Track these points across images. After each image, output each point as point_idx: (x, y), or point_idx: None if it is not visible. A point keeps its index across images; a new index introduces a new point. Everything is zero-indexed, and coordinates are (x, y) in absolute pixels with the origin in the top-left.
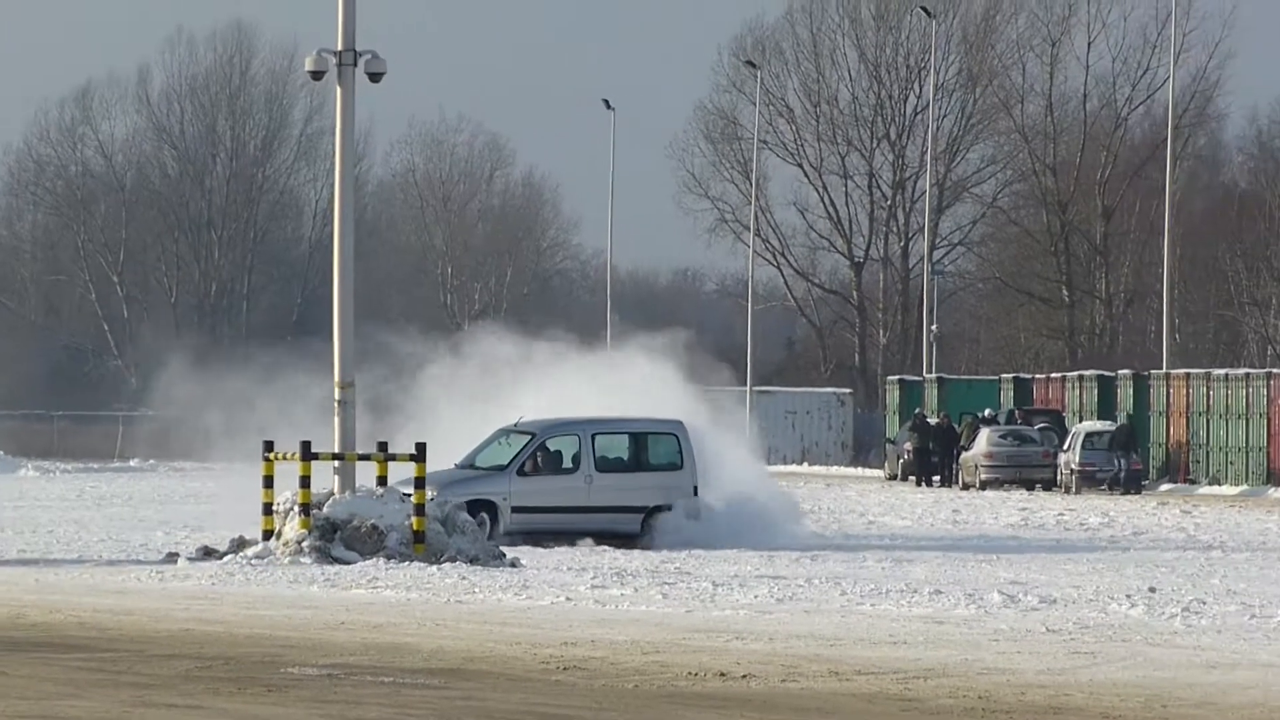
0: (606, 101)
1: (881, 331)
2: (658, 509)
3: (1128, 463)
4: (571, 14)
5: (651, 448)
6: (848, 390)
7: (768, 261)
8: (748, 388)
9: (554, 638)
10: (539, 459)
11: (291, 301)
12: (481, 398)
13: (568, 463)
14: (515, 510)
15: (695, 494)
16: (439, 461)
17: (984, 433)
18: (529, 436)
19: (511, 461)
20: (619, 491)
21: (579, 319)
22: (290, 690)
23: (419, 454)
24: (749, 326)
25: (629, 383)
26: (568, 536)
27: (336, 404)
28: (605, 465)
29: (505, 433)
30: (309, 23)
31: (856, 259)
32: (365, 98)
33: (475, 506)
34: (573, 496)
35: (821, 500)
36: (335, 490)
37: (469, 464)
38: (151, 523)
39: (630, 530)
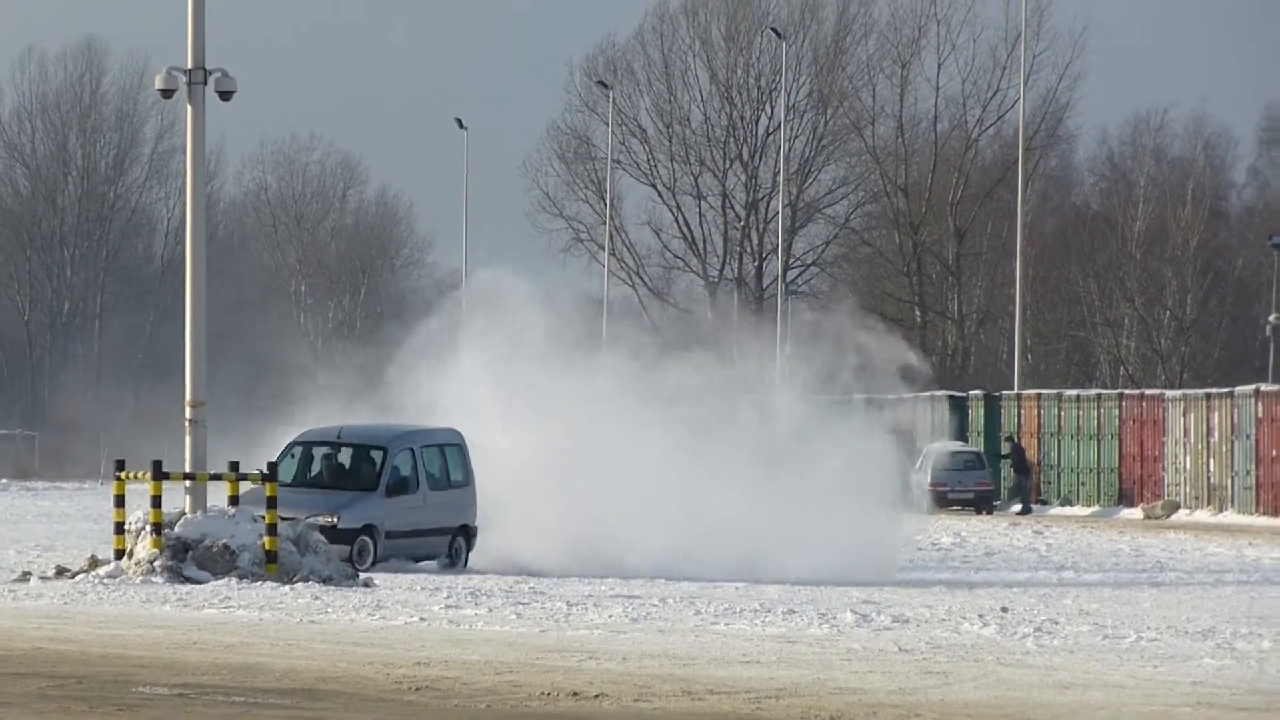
0: (459, 120)
1: (735, 351)
2: (463, 529)
3: (1029, 482)
4: (423, 33)
5: (451, 461)
6: (700, 410)
7: (623, 281)
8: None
9: (407, 658)
10: (394, 477)
11: (145, 320)
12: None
13: (411, 480)
14: (387, 535)
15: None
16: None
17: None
18: (381, 451)
19: (379, 480)
20: (442, 510)
21: (435, 337)
22: (142, 710)
23: (270, 474)
24: (603, 345)
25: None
26: (409, 561)
27: (188, 423)
28: (431, 482)
29: (308, 444)
30: (160, 40)
31: (711, 279)
32: (216, 116)
33: (359, 534)
34: (416, 517)
35: None
36: (187, 510)
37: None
38: (3, 541)
39: (439, 553)
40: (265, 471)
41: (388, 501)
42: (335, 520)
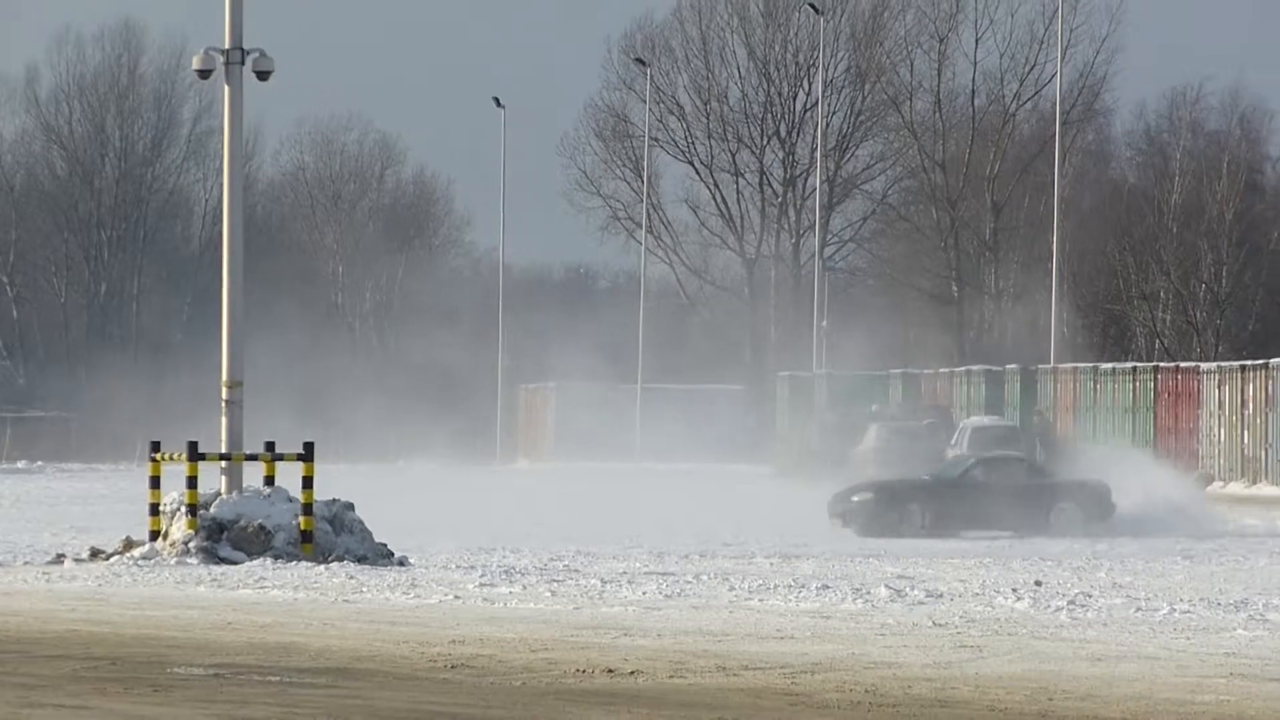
0: (497, 99)
1: (773, 328)
2: None
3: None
4: (460, 12)
5: None
6: (738, 386)
7: (660, 259)
8: (639, 384)
9: (442, 636)
10: None
11: (182, 301)
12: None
13: None
14: None
15: None
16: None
17: (872, 429)
18: None
19: None
20: None
21: (472, 316)
22: (177, 690)
23: (307, 453)
24: (640, 323)
25: None
26: None
27: (224, 403)
28: None
29: None
30: (197, 21)
31: (748, 255)
32: (254, 96)
33: None
34: None
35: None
36: (222, 490)
37: None
38: (38, 524)
39: None
40: (302, 452)
41: None
42: None
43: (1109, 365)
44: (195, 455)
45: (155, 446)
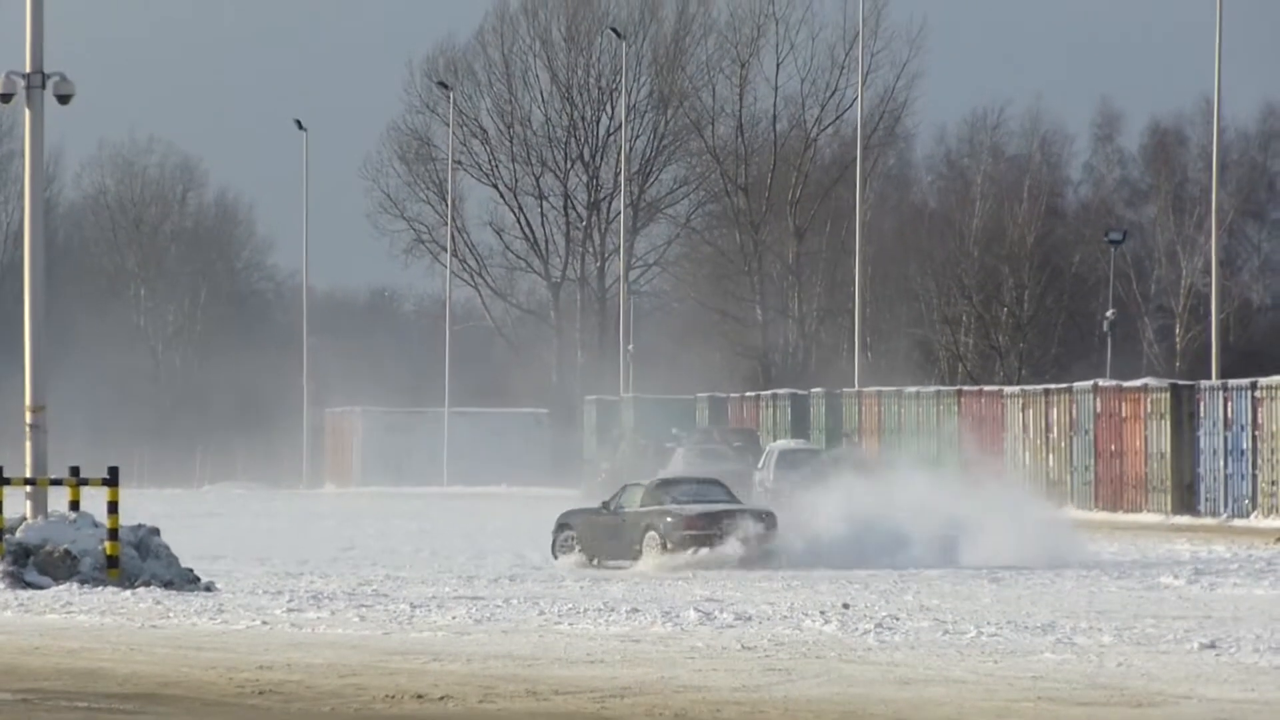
0: (299, 122)
1: (579, 351)
2: None
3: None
4: (262, 34)
5: None
6: (544, 410)
7: (465, 282)
8: (445, 408)
9: (249, 661)
10: None
11: None
12: None
13: None
14: None
15: None
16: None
17: (678, 452)
18: None
19: None
20: None
21: (276, 340)
22: None
23: (111, 478)
24: (447, 347)
25: None
26: None
27: (28, 428)
28: None
29: None
30: None
31: (553, 279)
32: (55, 119)
33: None
34: None
35: (522, 519)
36: (28, 515)
37: None
38: None
39: None
40: (107, 477)
41: None
42: None
43: (913, 389)
44: None
45: None
